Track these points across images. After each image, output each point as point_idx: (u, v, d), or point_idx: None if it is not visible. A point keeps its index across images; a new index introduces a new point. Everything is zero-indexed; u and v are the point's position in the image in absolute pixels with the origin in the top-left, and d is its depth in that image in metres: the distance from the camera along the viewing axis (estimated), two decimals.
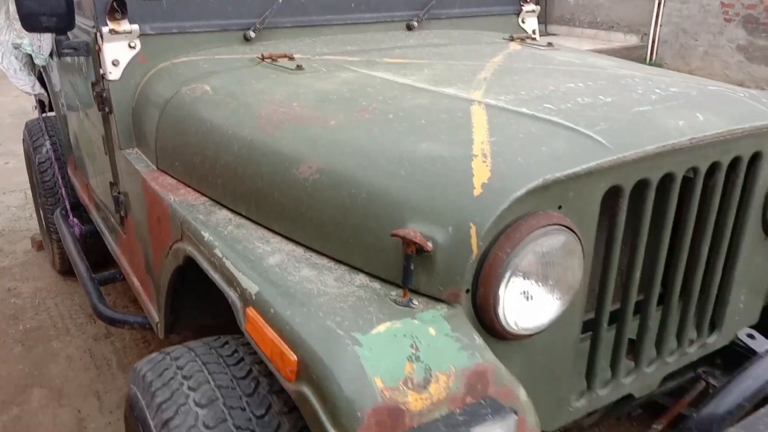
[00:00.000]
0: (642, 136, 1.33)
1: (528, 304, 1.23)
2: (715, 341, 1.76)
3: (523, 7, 2.83)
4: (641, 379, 1.62)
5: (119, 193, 2.23)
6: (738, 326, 1.82)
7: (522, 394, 1.18)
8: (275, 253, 1.38)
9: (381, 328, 1.11)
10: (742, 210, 1.64)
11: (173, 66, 2.06)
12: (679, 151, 1.38)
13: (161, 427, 1.32)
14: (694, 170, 1.46)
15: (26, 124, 3.87)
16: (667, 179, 1.41)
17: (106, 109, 2.12)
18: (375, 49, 2.17)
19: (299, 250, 1.39)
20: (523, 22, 2.85)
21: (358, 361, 1.05)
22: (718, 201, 1.55)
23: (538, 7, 2.92)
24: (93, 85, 2.16)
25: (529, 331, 1.25)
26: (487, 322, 1.21)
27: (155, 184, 1.81)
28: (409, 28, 2.54)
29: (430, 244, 1.16)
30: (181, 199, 1.69)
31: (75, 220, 3.03)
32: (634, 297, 1.49)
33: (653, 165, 1.36)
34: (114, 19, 2.00)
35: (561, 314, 1.30)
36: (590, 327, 1.48)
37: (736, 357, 1.87)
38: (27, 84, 3.74)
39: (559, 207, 1.25)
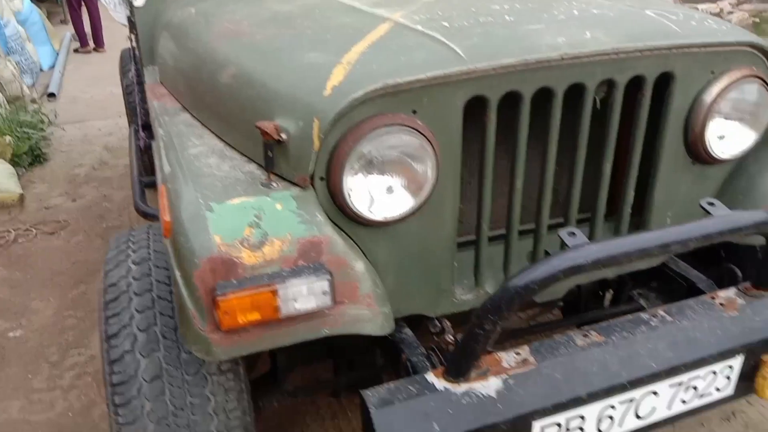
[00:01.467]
0: (504, 50, 1.43)
1: (379, 195, 1.41)
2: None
3: None
4: None
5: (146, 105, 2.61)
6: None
7: (359, 266, 1.39)
8: (199, 146, 1.65)
9: (236, 200, 1.36)
10: (658, 132, 1.67)
11: None
12: (551, 66, 1.46)
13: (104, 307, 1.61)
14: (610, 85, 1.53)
15: (121, 51, 4.42)
16: (550, 94, 1.50)
17: (135, 32, 2.48)
18: None
19: (220, 145, 1.65)
20: None
21: (205, 223, 1.31)
22: (617, 120, 1.60)
23: None
24: (130, 12, 2.53)
25: (385, 219, 1.44)
26: (339, 206, 1.41)
27: (151, 93, 2.15)
28: None
29: (284, 135, 1.38)
30: (160, 104, 2.01)
31: (143, 134, 3.51)
32: (517, 212, 1.60)
33: (521, 78, 1.45)
34: None
35: (422, 210, 1.47)
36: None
37: (668, 281, 1.91)
38: (123, 17, 4.28)
39: (414, 111, 1.40)
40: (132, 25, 2.49)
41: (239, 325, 1.28)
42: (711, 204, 1.43)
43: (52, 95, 6.69)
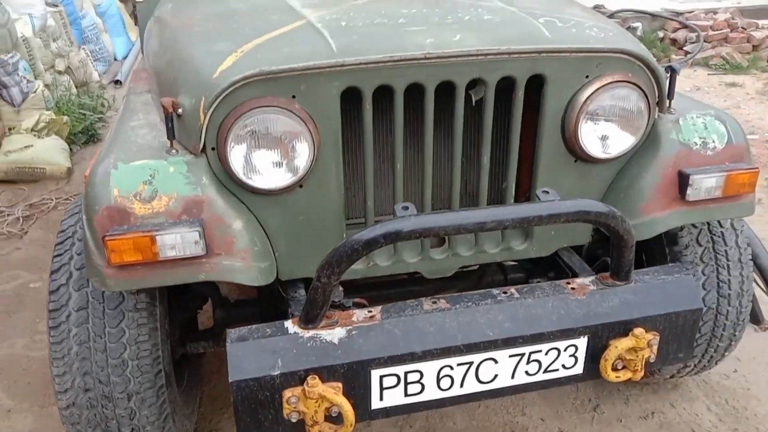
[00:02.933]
0: (373, 48, 1.64)
1: (260, 167, 1.66)
2: (525, 249, 1.98)
3: None
4: (428, 263, 1.93)
5: None
6: (558, 242, 2.00)
7: (237, 224, 1.65)
8: (141, 120, 1.95)
9: (138, 162, 1.64)
10: (535, 130, 1.83)
11: None
12: (420, 64, 1.66)
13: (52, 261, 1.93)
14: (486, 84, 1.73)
15: None
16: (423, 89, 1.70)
17: (137, 25, 2.83)
18: None
19: (156, 120, 1.95)
20: None
21: (108, 178, 1.60)
22: (491, 116, 1.78)
23: None
24: (134, 7, 2.89)
25: (269, 189, 1.68)
26: (228, 173, 1.67)
27: (134, 77, 2.48)
28: None
29: (180, 110, 1.65)
30: (133, 86, 2.34)
31: None
32: (400, 194, 1.81)
33: (392, 74, 1.66)
34: None
35: (307, 186, 1.71)
36: None
37: (562, 271, 2.06)
38: None
39: (293, 96, 1.64)
40: (136, 19, 2.85)
41: (126, 263, 1.57)
42: (546, 192, 1.59)
43: (118, 82, 7.29)
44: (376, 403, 1.63)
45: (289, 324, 1.61)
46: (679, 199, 1.86)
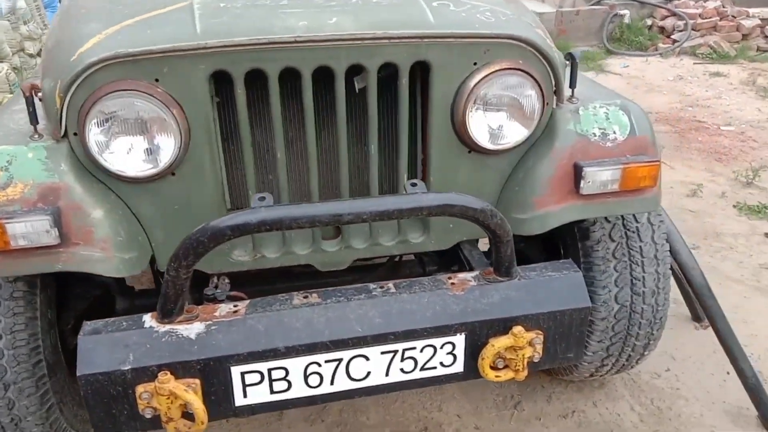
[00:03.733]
0: (240, 29, 1.56)
1: (122, 153, 1.59)
2: (422, 242, 1.91)
3: None
4: (320, 255, 1.87)
5: None
6: (457, 236, 1.93)
7: (97, 213, 1.59)
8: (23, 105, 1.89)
9: None
10: (424, 119, 1.76)
11: None
12: (293, 48, 1.58)
13: None
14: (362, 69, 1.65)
15: None
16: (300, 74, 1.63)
17: None
18: None
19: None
20: None
21: None
22: (375, 104, 1.70)
23: None
24: None
25: (134, 176, 1.62)
26: (91, 161, 1.61)
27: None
28: None
29: (40, 95, 1.59)
30: (37, 71, 2.27)
31: None
32: (283, 181, 1.74)
33: (262, 57, 1.58)
34: None
35: (181, 173, 1.64)
36: None
37: (467, 263, 1.99)
38: None
39: (156, 80, 1.57)
40: None
41: None
42: (413, 185, 1.52)
43: None
44: (240, 401, 1.57)
45: (147, 318, 1.56)
46: (574, 193, 1.78)
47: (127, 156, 1.60)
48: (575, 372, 2.32)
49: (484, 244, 1.98)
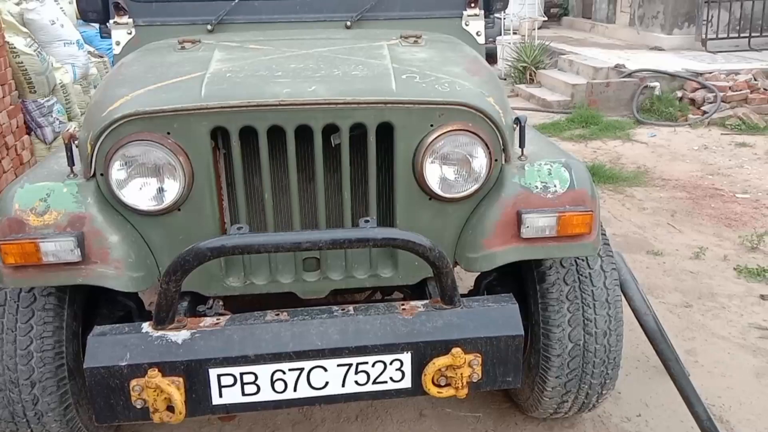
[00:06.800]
0: (236, 94, 1.94)
1: (137, 191, 1.97)
2: (392, 277, 2.20)
3: (465, 12, 3.24)
4: (302, 285, 2.18)
5: None
6: (423, 273, 2.21)
7: (114, 238, 1.96)
8: None
9: (40, 183, 1.99)
10: (389, 171, 2.08)
11: (148, 45, 3.10)
12: (277, 110, 1.94)
13: None
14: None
15: None
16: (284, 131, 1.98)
17: None
18: (273, 39, 2.92)
19: None
20: (466, 25, 3.26)
21: (13, 195, 1.95)
22: (348, 157, 2.03)
23: (482, 11, 3.28)
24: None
25: (147, 210, 1.99)
26: (112, 196, 1.99)
27: None
28: (348, 27, 3.20)
29: (76, 142, 2.00)
30: None
31: None
32: (271, 221, 2.08)
33: (253, 117, 1.95)
34: (119, 14, 3.11)
35: (185, 209, 2.00)
36: None
37: (429, 297, 2.25)
38: None
39: (168, 133, 1.96)
40: None
41: (18, 264, 1.89)
42: (366, 221, 1.82)
43: None
44: (216, 399, 1.86)
45: (145, 325, 1.89)
46: (517, 236, 2.04)
47: (140, 193, 1.98)
48: (539, 408, 2.50)
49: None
